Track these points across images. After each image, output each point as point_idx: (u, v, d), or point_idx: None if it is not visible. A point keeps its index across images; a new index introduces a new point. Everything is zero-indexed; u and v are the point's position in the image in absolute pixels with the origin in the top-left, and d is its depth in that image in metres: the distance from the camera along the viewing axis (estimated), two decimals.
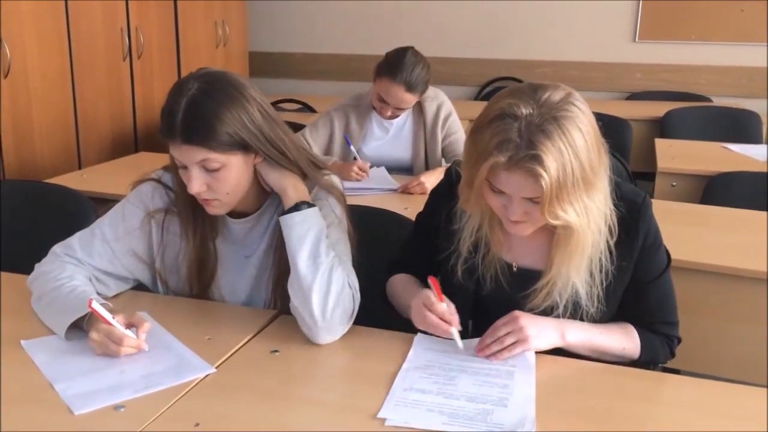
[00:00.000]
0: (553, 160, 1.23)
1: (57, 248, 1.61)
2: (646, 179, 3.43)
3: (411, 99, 2.76)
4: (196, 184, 1.44)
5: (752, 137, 3.90)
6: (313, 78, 5.41)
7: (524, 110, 1.25)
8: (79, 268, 1.58)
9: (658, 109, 4.23)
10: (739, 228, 2.28)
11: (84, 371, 1.31)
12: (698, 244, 2.12)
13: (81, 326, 1.43)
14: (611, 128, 1.38)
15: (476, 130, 1.31)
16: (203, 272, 1.62)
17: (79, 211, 2.17)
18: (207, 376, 1.31)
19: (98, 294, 1.55)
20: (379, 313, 1.48)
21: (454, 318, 1.37)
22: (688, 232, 2.22)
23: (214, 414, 1.19)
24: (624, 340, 1.44)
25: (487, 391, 1.26)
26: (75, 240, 1.61)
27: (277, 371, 1.35)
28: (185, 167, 1.45)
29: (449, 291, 1.47)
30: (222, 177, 1.45)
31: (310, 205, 1.48)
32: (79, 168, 3.57)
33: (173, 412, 1.20)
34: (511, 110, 1.26)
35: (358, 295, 1.45)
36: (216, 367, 1.34)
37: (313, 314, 1.40)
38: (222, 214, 1.57)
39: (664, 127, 4.05)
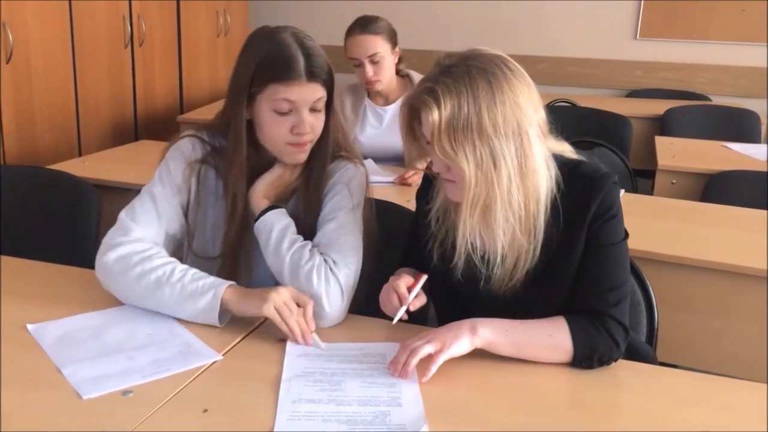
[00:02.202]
0: (448, 96, 1.28)
1: (123, 214, 1.56)
2: (646, 176, 3.44)
3: (375, 41, 2.76)
4: (309, 121, 1.51)
5: (751, 137, 3.91)
6: None
7: (448, 61, 1.34)
8: (157, 249, 1.53)
9: (658, 107, 4.24)
10: (738, 226, 2.30)
11: (92, 356, 1.32)
12: (698, 242, 2.13)
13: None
14: (612, 125, 1.39)
15: None
16: (233, 229, 1.59)
17: (81, 198, 2.16)
18: (214, 362, 1.32)
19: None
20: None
21: (405, 301, 1.39)
22: (687, 229, 2.24)
23: (222, 400, 1.20)
24: (548, 326, 1.35)
25: (377, 393, 1.23)
26: (137, 204, 1.56)
27: (284, 359, 1.35)
28: (289, 111, 1.50)
29: (429, 276, 1.48)
30: (321, 118, 1.55)
31: (272, 207, 1.56)
32: (80, 155, 3.56)
33: (181, 397, 1.21)
34: (439, 60, 1.36)
35: (341, 262, 1.49)
36: (223, 355, 1.35)
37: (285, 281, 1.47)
38: (303, 161, 1.60)
39: (664, 125, 4.05)
